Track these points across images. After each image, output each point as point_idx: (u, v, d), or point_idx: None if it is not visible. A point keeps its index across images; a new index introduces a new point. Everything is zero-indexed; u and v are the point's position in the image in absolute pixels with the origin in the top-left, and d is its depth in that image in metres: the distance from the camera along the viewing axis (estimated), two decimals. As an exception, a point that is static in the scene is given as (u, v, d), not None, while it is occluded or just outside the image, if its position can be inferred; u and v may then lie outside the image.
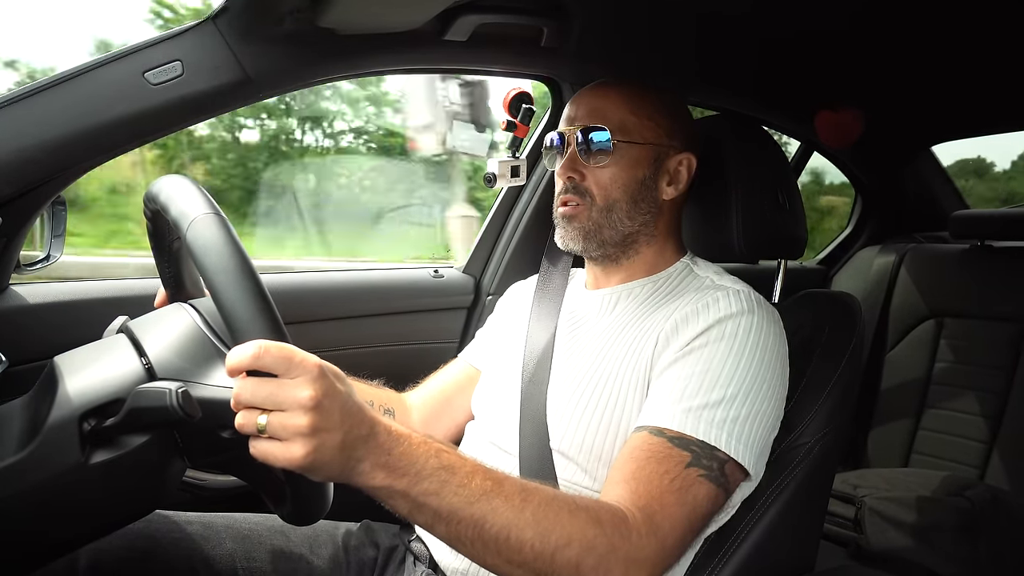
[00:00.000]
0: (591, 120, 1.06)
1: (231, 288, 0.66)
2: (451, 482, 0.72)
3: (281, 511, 0.77)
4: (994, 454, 1.98)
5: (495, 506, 0.73)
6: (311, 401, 0.63)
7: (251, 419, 0.63)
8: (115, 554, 0.92)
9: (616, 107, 1.06)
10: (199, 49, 1.04)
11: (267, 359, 0.63)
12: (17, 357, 1.09)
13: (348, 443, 0.66)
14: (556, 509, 0.76)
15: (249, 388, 0.63)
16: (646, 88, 1.09)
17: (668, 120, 1.08)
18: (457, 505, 0.71)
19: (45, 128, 0.97)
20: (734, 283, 1.03)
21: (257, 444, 0.64)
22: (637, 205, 1.06)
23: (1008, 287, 2.05)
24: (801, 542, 1.02)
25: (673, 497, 0.82)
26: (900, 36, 1.54)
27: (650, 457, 0.85)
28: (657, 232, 1.10)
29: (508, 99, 1.44)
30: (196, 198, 0.73)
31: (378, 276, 1.66)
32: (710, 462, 0.85)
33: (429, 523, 0.73)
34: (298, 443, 0.63)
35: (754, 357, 0.91)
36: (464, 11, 1.21)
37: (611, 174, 1.05)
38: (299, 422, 0.63)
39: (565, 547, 0.75)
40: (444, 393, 1.26)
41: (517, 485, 0.76)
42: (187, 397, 0.66)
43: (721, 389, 0.89)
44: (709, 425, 0.86)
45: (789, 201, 1.19)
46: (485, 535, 0.73)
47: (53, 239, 1.16)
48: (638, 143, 1.05)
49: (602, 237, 1.07)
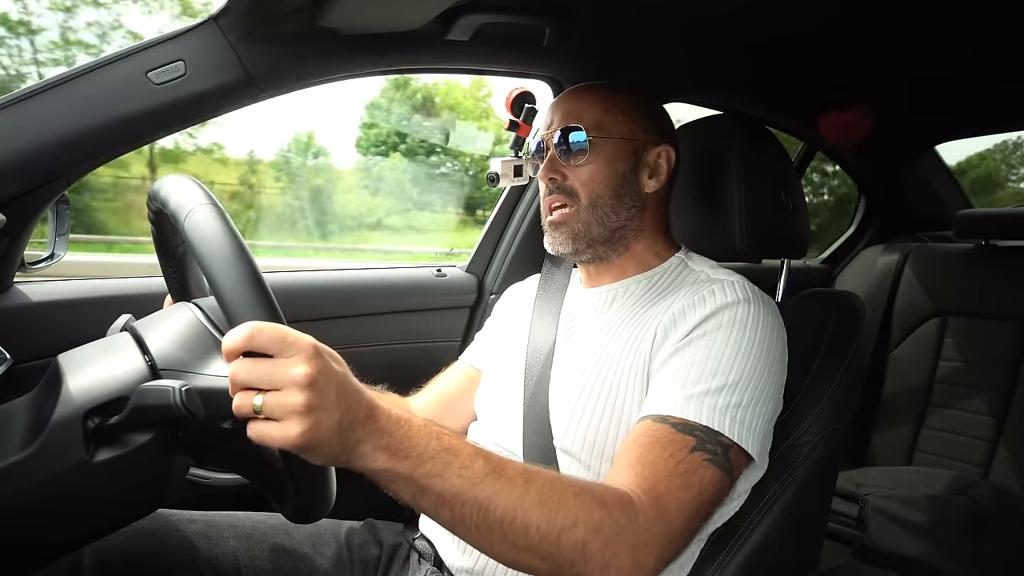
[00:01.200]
0: (567, 122, 1.08)
1: (227, 274, 0.67)
2: (454, 464, 0.71)
3: (284, 509, 0.77)
4: (998, 453, 1.98)
5: (499, 487, 0.73)
6: (306, 379, 0.63)
7: (247, 400, 0.63)
8: (119, 552, 0.93)
9: (589, 107, 1.08)
10: (202, 49, 1.05)
11: (261, 339, 0.63)
12: (21, 355, 1.09)
13: (346, 423, 0.66)
14: (560, 490, 0.76)
15: (244, 368, 0.63)
16: (617, 88, 1.12)
17: (642, 116, 1.10)
18: (461, 487, 0.71)
19: (49, 128, 0.98)
20: (728, 275, 1.04)
21: (254, 425, 0.64)
22: (621, 199, 1.07)
23: (1012, 286, 2.05)
24: (805, 540, 1.02)
25: (679, 480, 0.82)
26: (904, 35, 1.54)
27: (654, 442, 0.85)
28: (644, 226, 1.11)
29: (511, 99, 1.44)
30: (194, 190, 0.74)
31: (381, 275, 1.66)
32: (714, 447, 0.85)
33: (433, 507, 0.72)
34: (294, 421, 0.63)
35: (753, 344, 0.92)
36: (466, 11, 1.21)
37: (591, 171, 1.07)
38: (295, 400, 0.63)
39: (571, 528, 0.74)
40: (447, 396, 1.26)
41: (521, 468, 0.76)
42: (190, 395, 0.66)
43: (722, 376, 0.89)
44: (712, 411, 0.86)
45: (792, 200, 1.19)
46: (490, 518, 0.72)
47: (57, 238, 1.17)
48: (614, 138, 1.07)
49: (591, 236, 1.07)
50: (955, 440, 2.07)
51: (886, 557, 1.61)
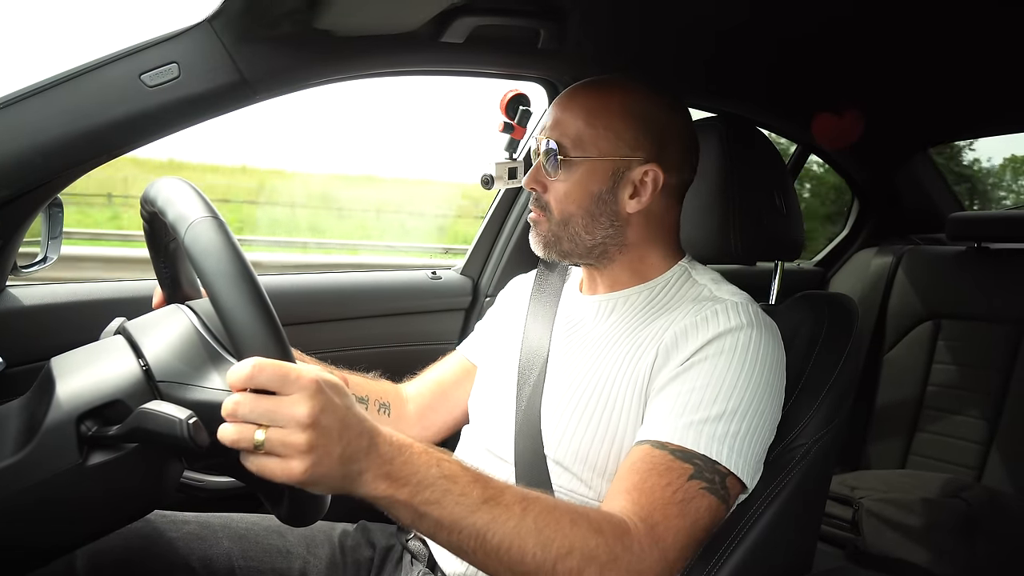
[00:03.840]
0: (552, 132, 1.04)
1: (230, 292, 0.66)
2: (452, 491, 0.72)
3: (278, 512, 0.77)
4: (991, 455, 1.99)
5: (496, 515, 0.73)
6: (308, 419, 0.63)
7: (247, 434, 0.63)
8: (113, 555, 0.92)
9: (573, 118, 1.03)
10: (195, 51, 1.04)
11: (262, 377, 0.63)
12: (14, 359, 1.09)
13: (347, 456, 0.66)
14: (557, 518, 0.76)
15: (247, 405, 0.63)
16: (612, 92, 1.04)
17: (632, 130, 1.01)
18: (459, 515, 0.72)
19: (41, 130, 0.97)
20: (732, 295, 1.01)
21: (256, 459, 0.64)
22: (595, 219, 1.03)
23: (1005, 289, 2.06)
24: (798, 544, 1.02)
25: (676, 509, 0.82)
26: (896, 38, 1.54)
27: (652, 469, 0.85)
28: (628, 242, 1.05)
29: (505, 101, 1.44)
30: (194, 201, 0.73)
31: (376, 277, 1.66)
32: (712, 475, 0.85)
33: (431, 532, 0.73)
34: (296, 460, 0.63)
35: (753, 371, 0.91)
36: (461, 13, 1.21)
37: (565, 189, 1.03)
38: (297, 439, 0.63)
39: (567, 556, 0.75)
40: (441, 385, 1.26)
41: (518, 494, 0.76)
42: (198, 428, 0.65)
43: (722, 403, 0.88)
44: (711, 439, 0.86)
45: (786, 203, 1.19)
46: (487, 545, 0.73)
47: (50, 241, 1.16)
48: (591, 157, 1.01)
49: (562, 248, 1.05)
50: (948, 443, 2.07)
51: (880, 560, 1.61)
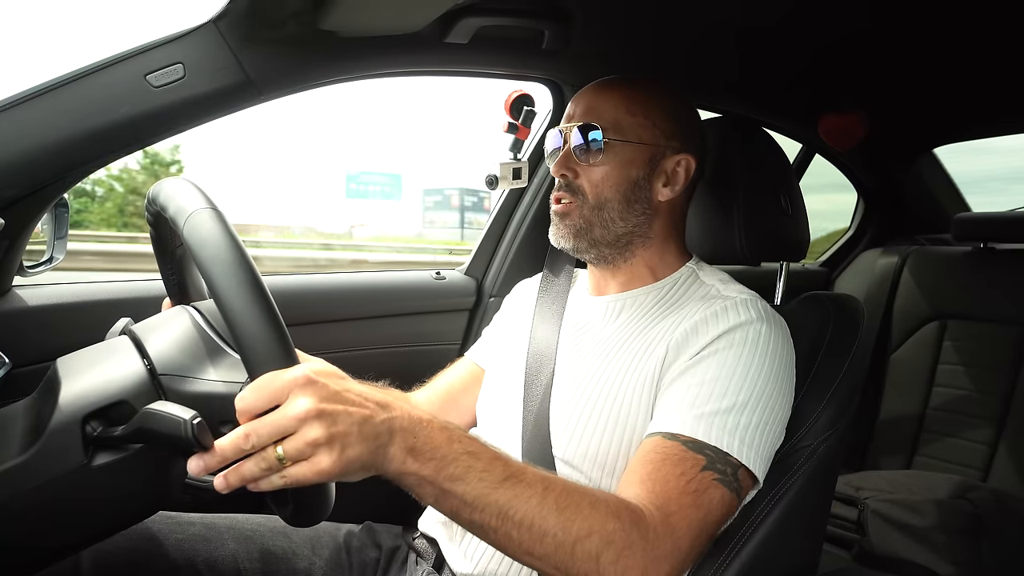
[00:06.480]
0: (587, 118, 1.05)
1: (226, 279, 0.66)
2: (475, 467, 0.71)
3: (283, 512, 0.77)
4: (998, 456, 1.98)
5: (519, 492, 0.72)
6: (312, 411, 0.62)
7: (269, 458, 0.62)
8: (118, 555, 0.92)
9: (612, 105, 1.05)
10: (201, 52, 1.04)
11: (255, 402, 0.62)
12: (20, 359, 1.09)
13: (367, 433, 0.65)
14: (577, 500, 0.76)
15: (252, 432, 0.62)
16: (647, 87, 1.08)
17: (666, 120, 1.06)
18: (482, 491, 0.71)
19: (47, 131, 0.98)
20: (740, 292, 1.02)
21: (287, 474, 0.63)
22: (630, 205, 1.05)
23: (1011, 289, 2.05)
24: (804, 544, 1.02)
25: (690, 499, 0.82)
26: (902, 39, 1.54)
27: (665, 459, 0.85)
28: (653, 234, 1.08)
29: (509, 101, 1.44)
30: (193, 194, 0.74)
31: (380, 278, 1.66)
32: (724, 467, 0.85)
33: (454, 510, 0.72)
34: (322, 454, 0.63)
35: (764, 365, 0.91)
36: (465, 14, 1.21)
37: (603, 172, 1.04)
38: (312, 435, 0.62)
39: (586, 538, 0.74)
40: (450, 392, 1.26)
41: (539, 474, 0.76)
42: (202, 429, 0.65)
43: (732, 396, 0.88)
44: (722, 431, 0.86)
45: (791, 204, 1.19)
46: (508, 523, 0.72)
47: (56, 241, 1.16)
48: (632, 142, 1.04)
49: (593, 236, 1.06)
50: (954, 444, 2.07)
51: (885, 561, 1.61)
